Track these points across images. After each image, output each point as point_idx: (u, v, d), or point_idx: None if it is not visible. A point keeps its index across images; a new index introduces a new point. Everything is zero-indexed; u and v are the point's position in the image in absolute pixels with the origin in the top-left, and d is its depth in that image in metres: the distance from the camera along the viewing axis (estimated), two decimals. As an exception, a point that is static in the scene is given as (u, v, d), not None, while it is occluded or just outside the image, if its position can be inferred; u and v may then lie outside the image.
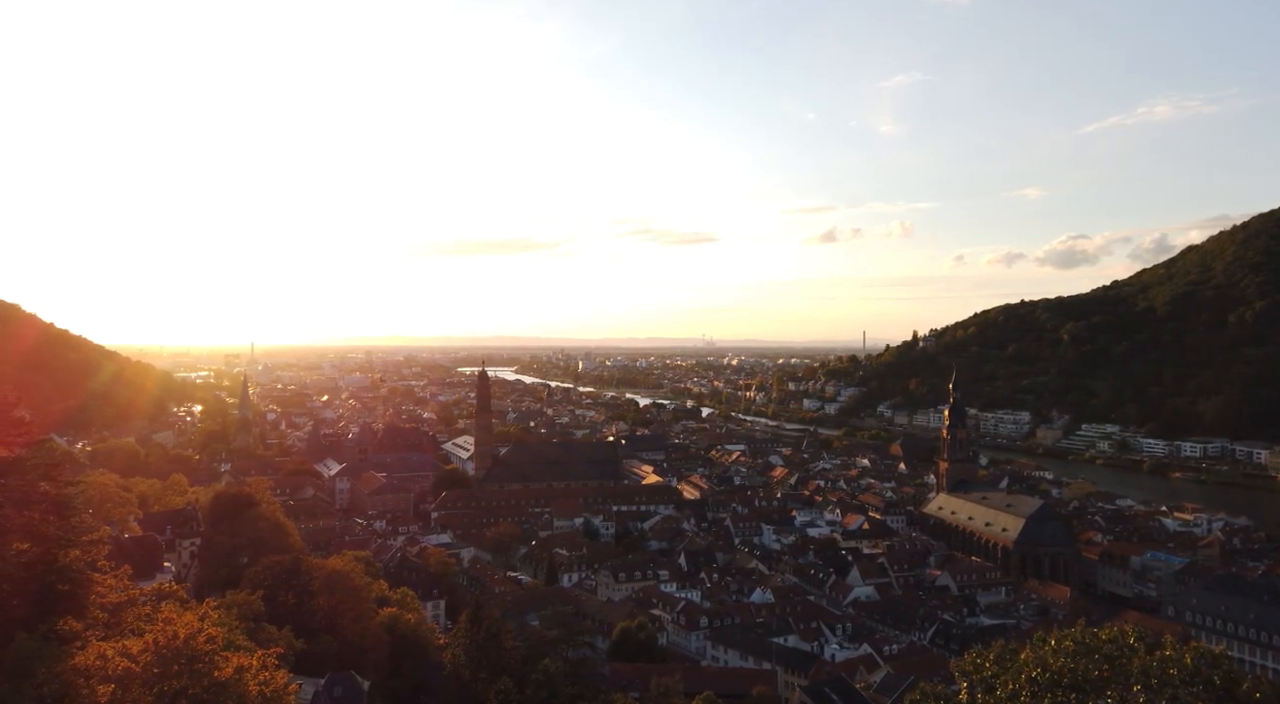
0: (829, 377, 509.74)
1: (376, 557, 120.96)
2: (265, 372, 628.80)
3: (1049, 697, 18.12)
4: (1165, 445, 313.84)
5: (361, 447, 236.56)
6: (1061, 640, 19.22)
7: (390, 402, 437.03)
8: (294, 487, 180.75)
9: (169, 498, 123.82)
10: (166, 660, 25.15)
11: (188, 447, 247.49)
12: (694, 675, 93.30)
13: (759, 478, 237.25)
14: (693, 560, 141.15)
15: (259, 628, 56.94)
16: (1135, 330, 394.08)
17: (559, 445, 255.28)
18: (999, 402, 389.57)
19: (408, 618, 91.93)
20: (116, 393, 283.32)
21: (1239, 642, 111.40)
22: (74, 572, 28.70)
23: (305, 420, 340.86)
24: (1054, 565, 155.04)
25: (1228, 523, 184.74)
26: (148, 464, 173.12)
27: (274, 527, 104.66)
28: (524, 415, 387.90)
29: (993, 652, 19.98)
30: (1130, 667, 18.18)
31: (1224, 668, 17.67)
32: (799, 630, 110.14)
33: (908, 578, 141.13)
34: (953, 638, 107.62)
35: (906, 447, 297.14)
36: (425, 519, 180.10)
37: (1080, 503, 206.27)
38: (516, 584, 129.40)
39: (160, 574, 74.53)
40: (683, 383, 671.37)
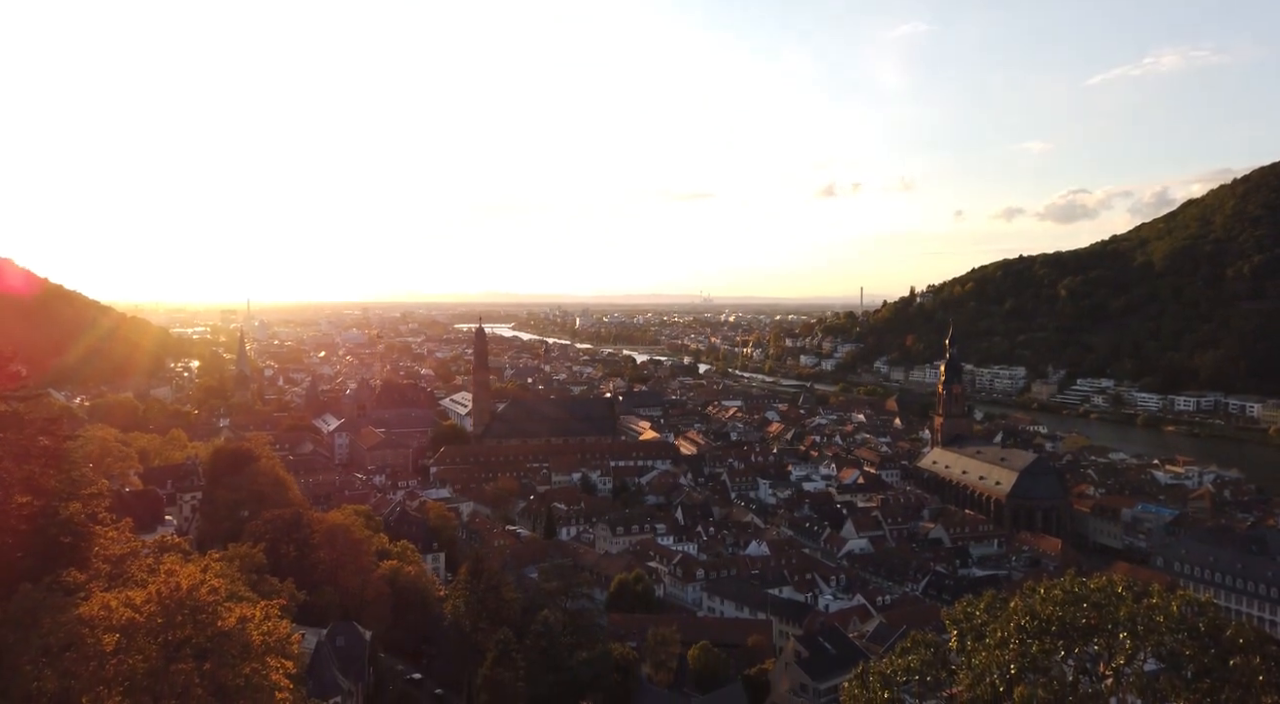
0: (826, 333, 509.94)
1: (376, 511, 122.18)
2: (262, 328, 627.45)
3: (1037, 643, 18.45)
4: (1159, 400, 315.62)
5: (359, 403, 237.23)
6: (1051, 590, 19.54)
7: (387, 358, 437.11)
8: (293, 442, 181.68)
9: (168, 453, 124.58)
10: (170, 611, 25.51)
11: (186, 402, 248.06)
12: (691, 626, 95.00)
13: (755, 433, 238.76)
14: (689, 514, 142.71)
15: (261, 580, 57.70)
16: (1133, 285, 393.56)
17: (556, 402, 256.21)
18: (995, 357, 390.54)
19: (408, 570, 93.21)
20: (113, 348, 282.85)
21: (1226, 591, 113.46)
22: (76, 524, 28.96)
23: (303, 376, 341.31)
24: (1046, 518, 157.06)
25: (1219, 476, 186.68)
26: (146, 419, 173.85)
27: (274, 481, 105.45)
28: (521, 372, 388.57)
29: (983, 601, 20.31)
30: (1118, 614, 18.50)
31: (1209, 615, 17.99)
32: (794, 582, 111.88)
33: (901, 531, 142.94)
34: (945, 589, 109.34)
35: (902, 402, 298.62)
36: (424, 474, 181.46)
37: (1073, 457, 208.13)
38: (515, 538, 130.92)
39: (161, 527, 75.28)
40: (680, 339, 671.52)
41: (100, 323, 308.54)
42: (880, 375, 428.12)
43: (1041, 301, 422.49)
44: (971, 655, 19.09)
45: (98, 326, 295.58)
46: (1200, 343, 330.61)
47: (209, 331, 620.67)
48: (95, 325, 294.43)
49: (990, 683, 18.38)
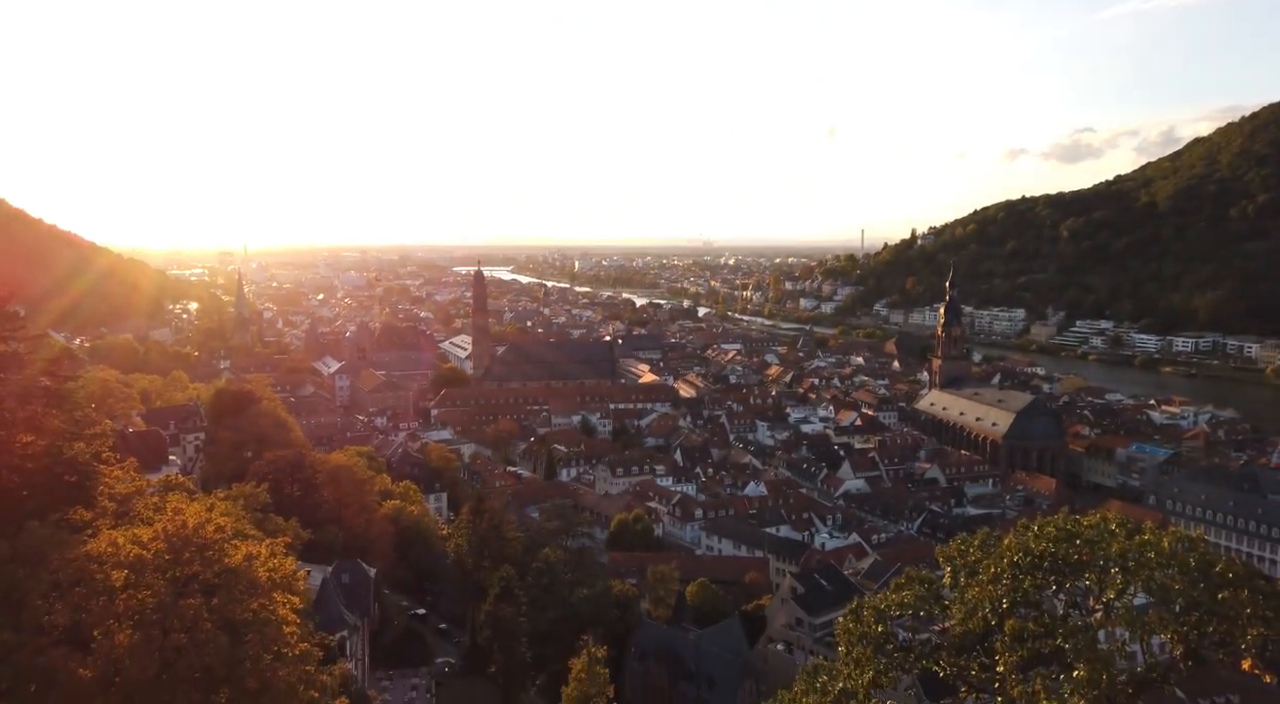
0: (826, 276, 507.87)
1: (378, 452, 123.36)
2: (260, 270, 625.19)
3: (1029, 579, 18.73)
4: (1158, 341, 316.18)
5: (359, 345, 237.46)
6: (1044, 527, 19.78)
7: (386, 301, 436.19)
8: (294, 384, 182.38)
9: (170, 394, 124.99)
10: (177, 548, 25.93)
11: (186, 344, 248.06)
12: (689, 563, 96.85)
13: (754, 376, 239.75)
14: (688, 456, 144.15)
15: (266, 519, 58.49)
16: (1136, 226, 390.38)
17: (556, 345, 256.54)
18: (996, 299, 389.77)
19: (411, 510, 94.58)
20: (111, 290, 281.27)
21: (1217, 528, 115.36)
22: (80, 463, 29.25)
23: (302, 319, 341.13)
24: (1041, 458, 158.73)
25: (1214, 415, 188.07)
26: (147, 361, 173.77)
27: (276, 423, 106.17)
28: (521, 315, 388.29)
29: (977, 539, 20.58)
30: (1109, 551, 18.75)
31: (1200, 551, 18.26)
32: (791, 521, 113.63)
33: (898, 471, 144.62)
34: (939, 527, 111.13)
35: (901, 345, 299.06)
36: (425, 416, 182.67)
37: (1070, 398, 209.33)
38: (516, 479, 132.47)
39: (166, 467, 76.02)
40: (679, 283, 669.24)
41: (97, 264, 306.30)
42: (880, 318, 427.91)
43: (1043, 243, 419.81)
44: (964, 591, 19.43)
45: (94, 268, 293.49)
46: (1201, 283, 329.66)
47: (206, 274, 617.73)
48: (92, 266, 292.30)
49: (982, 617, 18.74)
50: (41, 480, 28.58)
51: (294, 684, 26.77)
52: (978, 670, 19.03)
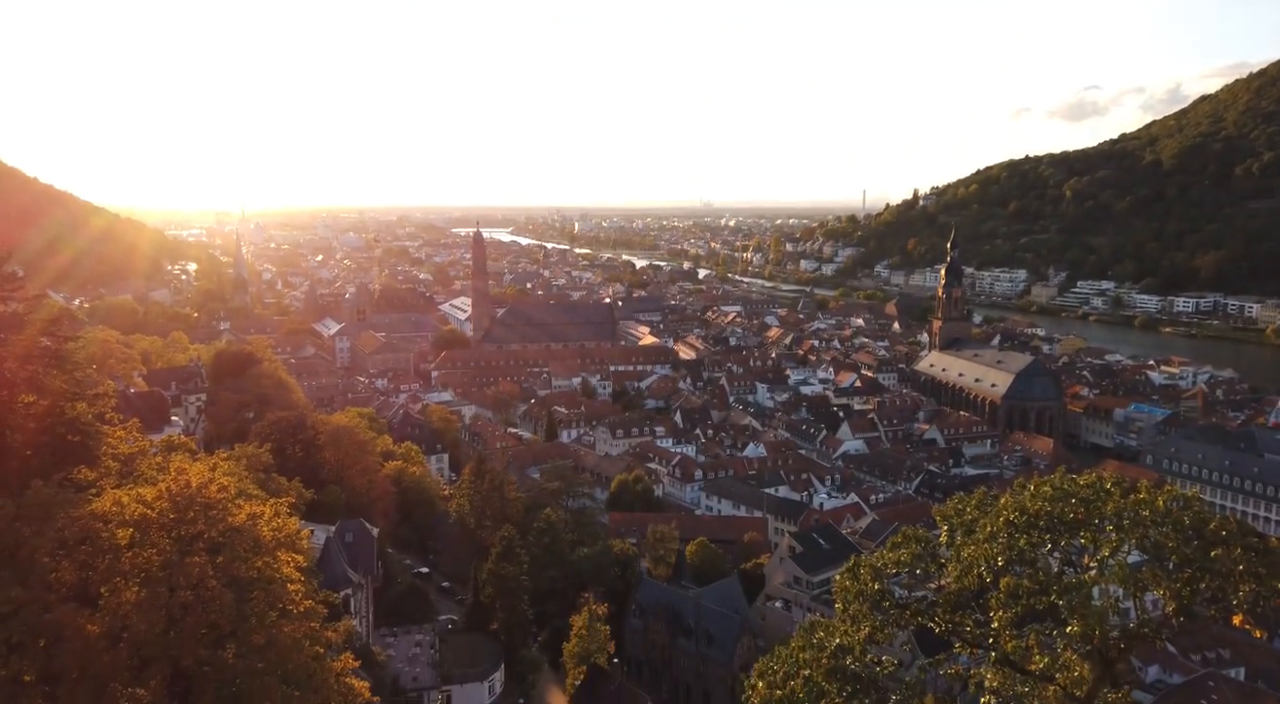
0: (827, 237, 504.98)
1: (379, 414, 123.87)
2: (258, 231, 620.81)
3: (1025, 537, 18.87)
4: (1159, 301, 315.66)
5: (359, 307, 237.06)
6: (1040, 487, 19.88)
7: (385, 262, 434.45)
8: (294, 346, 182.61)
9: (170, 355, 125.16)
10: (182, 507, 26.15)
11: (185, 305, 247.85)
12: (689, 523, 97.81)
13: (754, 338, 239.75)
14: (688, 418, 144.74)
15: (269, 479, 58.93)
16: (1140, 185, 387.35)
17: (556, 307, 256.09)
18: (998, 260, 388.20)
19: (413, 471, 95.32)
20: (109, 250, 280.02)
21: (1214, 487, 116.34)
22: (83, 424, 29.38)
23: (301, 280, 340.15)
24: (1040, 419, 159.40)
25: (1213, 376, 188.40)
26: (146, 322, 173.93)
27: (277, 384, 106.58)
28: (520, 277, 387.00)
29: (974, 498, 20.69)
30: (1105, 510, 18.88)
31: (1195, 509, 18.38)
32: (790, 482, 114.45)
33: (897, 432, 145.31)
34: (937, 487, 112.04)
35: (902, 306, 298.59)
36: (426, 378, 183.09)
37: (1070, 359, 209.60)
38: (517, 440, 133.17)
39: (168, 428, 76.38)
40: (679, 244, 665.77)
41: (93, 224, 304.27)
42: (880, 279, 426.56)
43: (1046, 203, 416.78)
44: (960, 549, 19.60)
45: (91, 228, 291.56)
46: (1203, 243, 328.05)
47: (204, 235, 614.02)
48: (88, 226, 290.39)
49: (977, 574, 18.93)
50: (45, 440, 28.75)
51: (299, 640, 27.21)
52: (972, 627, 19.31)
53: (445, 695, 57.75)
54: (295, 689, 26.04)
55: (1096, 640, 17.76)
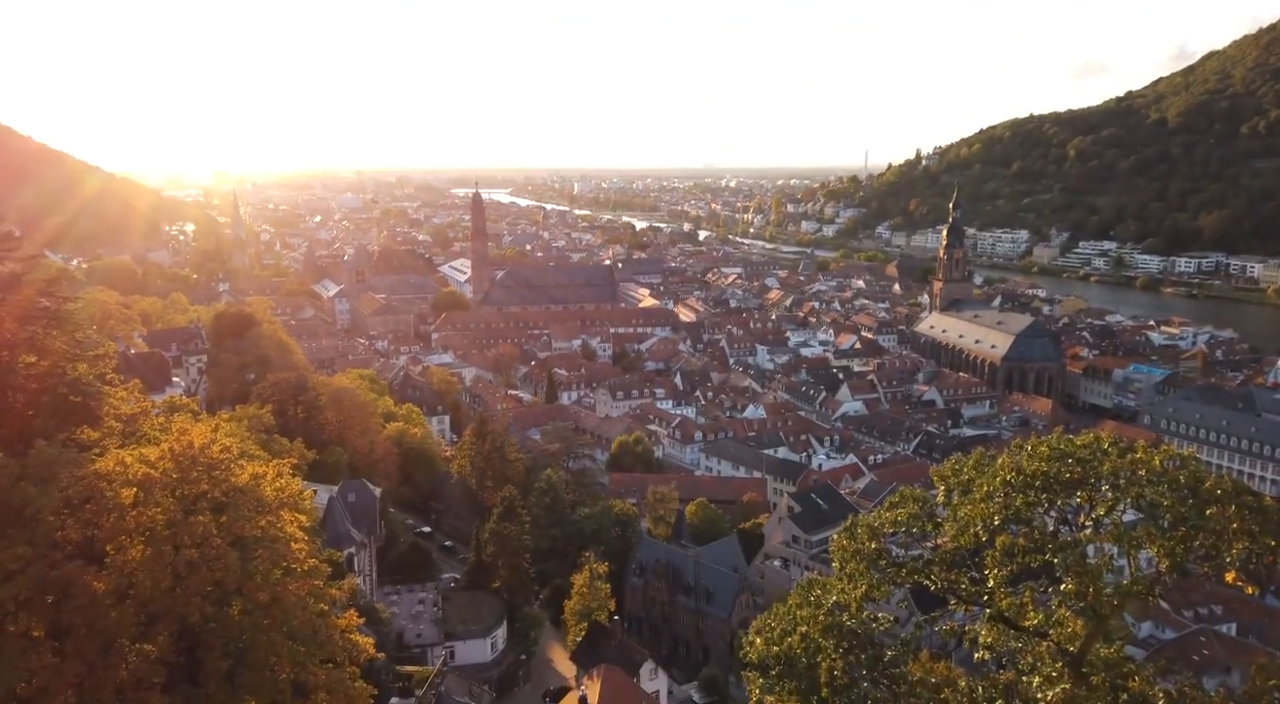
0: (828, 198, 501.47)
1: (380, 375, 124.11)
2: (255, 191, 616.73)
3: (1021, 497, 18.95)
4: (1161, 261, 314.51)
5: (358, 269, 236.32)
6: (1037, 447, 19.89)
7: (384, 224, 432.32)
8: (293, 307, 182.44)
9: (170, 316, 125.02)
10: (185, 467, 26.33)
11: (183, 266, 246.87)
12: (689, 484, 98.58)
13: (754, 300, 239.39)
14: (688, 380, 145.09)
15: (270, 440, 59.25)
16: (1144, 144, 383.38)
17: (556, 269, 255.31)
18: (1000, 220, 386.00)
19: (414, 432, 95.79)
20: (107, 210, 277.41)
21: (1210, 447, 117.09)
22: (85, 384, 29.45)
23: (300, 241, 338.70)
24: (1039, 380, 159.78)
25: (1213, 336, 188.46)
26: (145, 283, 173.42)
27: (277, 345, 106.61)
28: (520, 238, 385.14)
29: (971, 458, 20.73)
30: (1101, 469, 18.93)
31: (1191, 468, 18.44)
32: (789, 443, 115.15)
33: (896, 393, 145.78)
34: (935, 448, 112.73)
35: (902, 267, 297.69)
36: (426, 340, 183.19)
37: (1070, 320, 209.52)
38: (518, 402, 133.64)
39: (170, 388, 76.61)
40: (680, 206, 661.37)
41: (89, 183, 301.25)
42: (882, 241, 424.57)
43: (1049, 162, 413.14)
44: (957, 509, 19.70)
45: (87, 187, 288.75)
46: (1206, 203, 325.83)
47: (201, 195, 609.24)
48: (84, 186, 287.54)
49: (973, 533, 19.05)
50: (47, 401, 28.84)
51: (304, 597, 27.60)
52: (968, 584, 19.52)
53: (448, 651, 58.71)
54: (300, 645, 26.48)
55: (1090, 597, 17.95)
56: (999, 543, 18.55)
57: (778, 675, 19.31)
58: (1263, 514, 16.75)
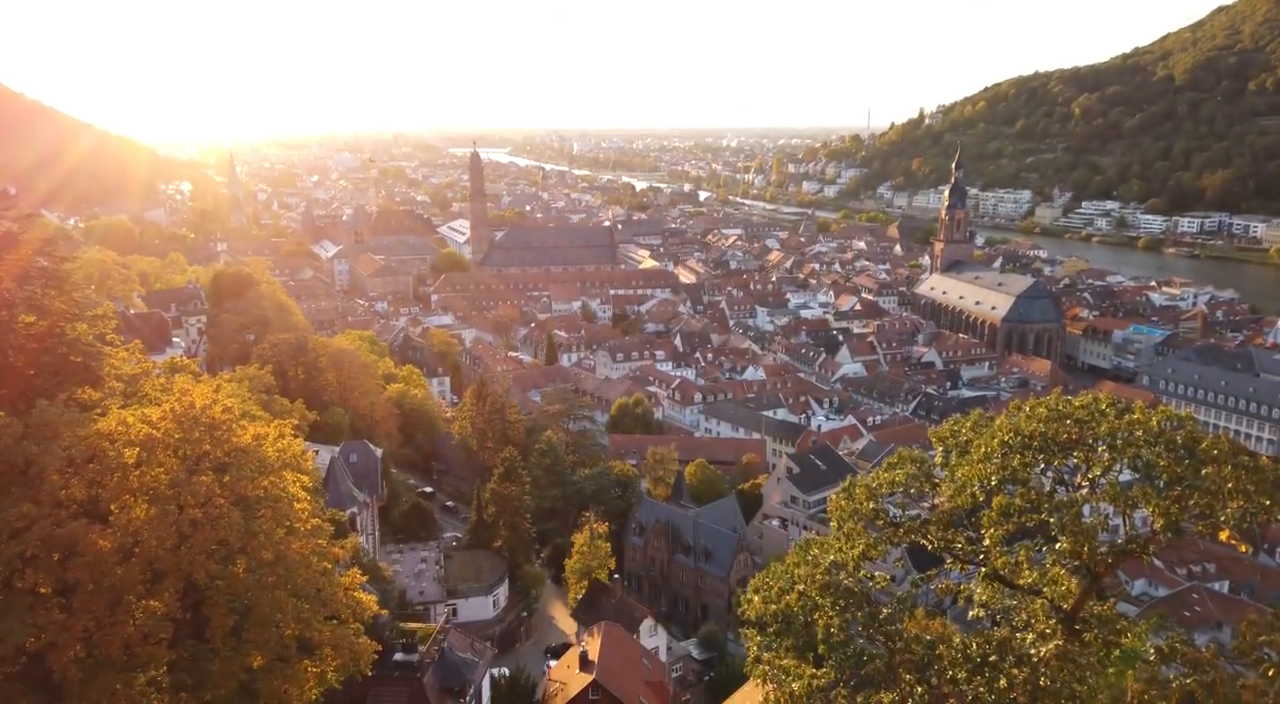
0: (830, 157, 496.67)
1: (380, 336, 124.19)
2: (252, 150, 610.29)
3: (1019, 458, 19.05)
4: (1163, 221, 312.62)
5: (356, 229, 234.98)
6: (1035, 408, 19.96)
7: (382, 183, 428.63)
8: (292, 268, 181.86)
9: (168, 276, 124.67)
10: (187, 427, 26.42)
11: (181, 225, 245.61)
12: (688, 445, 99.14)
13: (755, 262, 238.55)
14: (688, 341, 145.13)
15: (271, 400, 59.45)
16: (1151, 101, 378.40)
17: (556, 230, 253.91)
18: (1003, 181, 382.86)
19: (415, 393, 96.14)
20: (102, 169, 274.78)
21: (1209, 407, 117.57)
22: (85, 344, 29.41)
23: (297, 201, 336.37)
24: (1038, 341, 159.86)
25: (1213, 296, 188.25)
26: (143, 243, 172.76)
27: (277, 306, 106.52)
28: (519, 199, 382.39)
29: (970, 419, 20.80)
30: (1099, 430, 19.00)
31: (1188, 429, 18.52)
32: (788, 405, 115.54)
33: (896, 355, 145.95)
34: (934, 409, 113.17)
35: (904, 228, 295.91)
36: (426, 301, 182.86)
37: (1071, 280, 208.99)
38: (518, 363, 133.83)
39: (170, 349, 76.61)
40: (680, 166, 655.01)
41: (84, 142, 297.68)
42: (884, 201, 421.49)
43: (1054, 120, 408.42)
44: (955, 469, 19.83)
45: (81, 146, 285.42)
46: (1211, 162, 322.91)
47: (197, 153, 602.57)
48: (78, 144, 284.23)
49: (970, 494, 19.19)
50: (47, 361, 28.81)
51: (307, 556, 27.90)
52: (964, 544, 19.73)
53: (451, 609, 59.55)
54: (304, 602, 26.84)
55: (1085, 556, 18.17)
56: (996, 503, 18.70)
57: (775, 633, 19.61)
58: (1258, 474, 16.88)
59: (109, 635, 22.82)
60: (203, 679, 24.79)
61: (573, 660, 48.86)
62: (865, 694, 18.19)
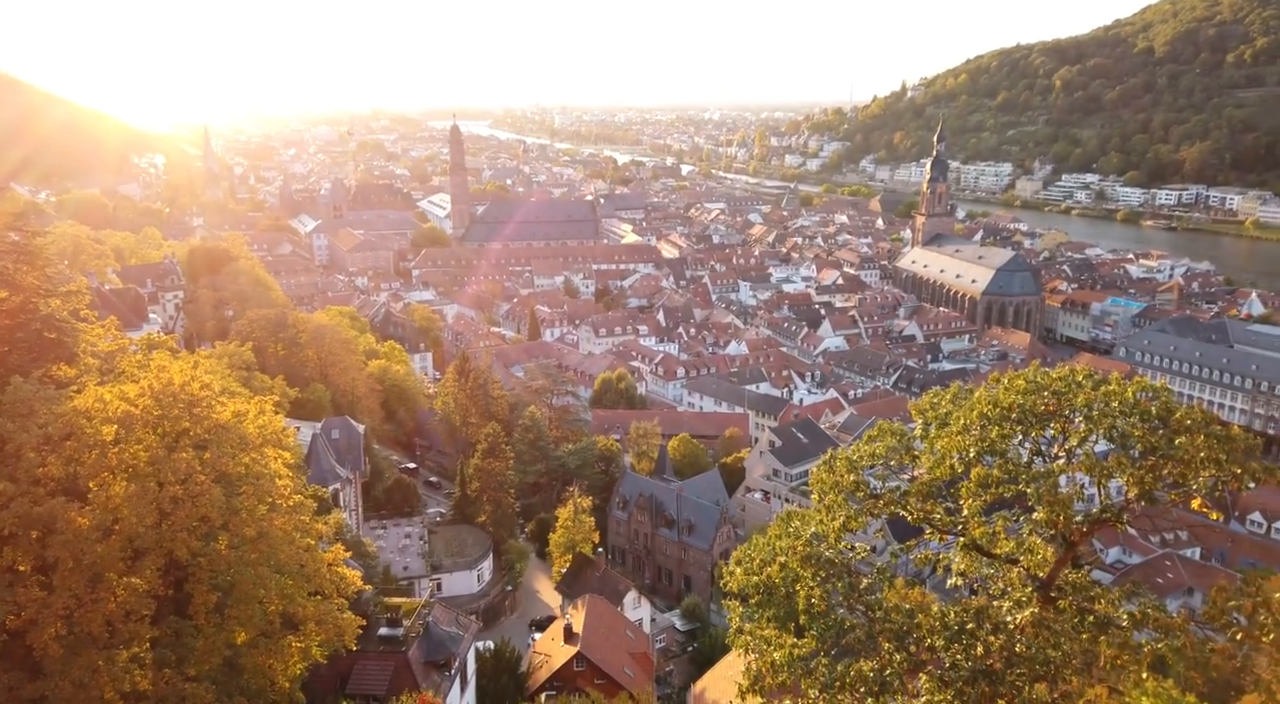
0: (813, 131, 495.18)
1: (361, 312, 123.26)
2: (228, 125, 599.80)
3: (997, 429, 19.18)
4: (1142, 194, 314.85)
5: (335, 203, 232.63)
6: (1013, 380, 20.07)
7: (360, 157, 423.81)
8: (270, 243, 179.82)
9: (144, 251, 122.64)
10: (165, 404, 26.21)
11: (155, 200, 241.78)
12: (671, 419, 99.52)
13: (737, 236, 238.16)
14: (671, 316, 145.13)
15: (251, 377, 58.98)
16: (1130, 74, 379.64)
17: (538, 204, 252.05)
18: (984, 154, 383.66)
19: (397, 369, 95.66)
20: (73, 142, 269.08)
21: (1184, 378, 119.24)
22: (59, 320, 29.00)
23: (274, 175, 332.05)
24: (1018, 314, 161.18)
25: (1190, 268, 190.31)
26: (116, 217, 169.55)
27: (255, 281, 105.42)
28: (500, 172, 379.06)
29: (949, 392, 20.90)
30: (1075, 401, 19.16)
31: (1162, 399, 18.71)
32: (771, 379, 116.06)
33: (877, 328, 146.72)
34: (914, 382, 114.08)
35: (886, 202, 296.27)
36: (407, 276, 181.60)
37: (1051, 253, 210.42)
38: (501, 339, 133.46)
39: (147, 325, 75.71)
40: (663, 139, 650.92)
41: (53, 113, 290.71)
42: (866, 175, 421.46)
43: (1035, 93, 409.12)
44: (934, 441, 19.95)
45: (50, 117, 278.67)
46: (1189, 134, 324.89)
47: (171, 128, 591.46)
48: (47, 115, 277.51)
49: (949, 465, 19.34)
50: (21, 337, 28.42)
51: (290, 532, 27.88)
52: (942, 514, 19.94)
53: (436, 583, 59.78)
54: (288, 578, 26.84)
55: (1060, 525, 18.42)
56: (974, 474, 18.87)
57: (757, 604, 19.79)
58: (1229, 443, 17.12)
59: (90, 613, 22.76)
60: (186, 655, 24.82)
61: (557, 633, 49.26)
62: (845, 663, 18.42)
